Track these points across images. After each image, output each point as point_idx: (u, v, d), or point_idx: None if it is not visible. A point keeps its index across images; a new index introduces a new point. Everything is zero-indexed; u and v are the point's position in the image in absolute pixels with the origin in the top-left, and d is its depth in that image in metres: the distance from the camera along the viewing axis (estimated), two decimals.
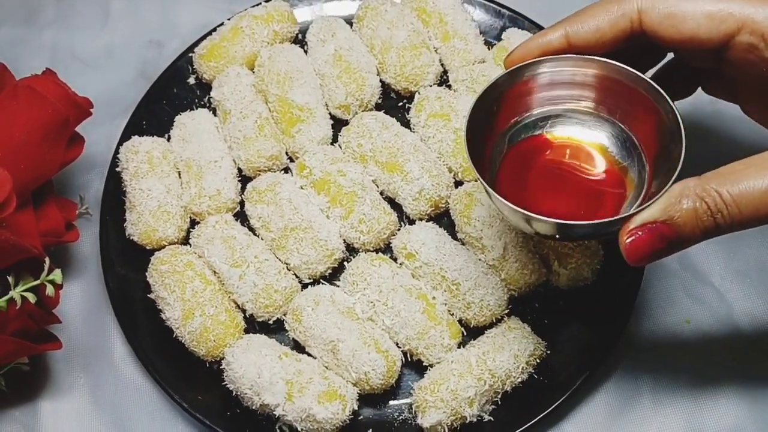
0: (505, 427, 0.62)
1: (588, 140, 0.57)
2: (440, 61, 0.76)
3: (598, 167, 0.56)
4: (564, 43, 0.54)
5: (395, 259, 0.68)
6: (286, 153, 0.73)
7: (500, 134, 0.57)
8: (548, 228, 0.51)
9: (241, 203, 0.71)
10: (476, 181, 0.56)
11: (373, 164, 0.70)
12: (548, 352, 0.64)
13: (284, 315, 0.66)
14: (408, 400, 0.64)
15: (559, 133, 0.58)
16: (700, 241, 0.48)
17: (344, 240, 0.69)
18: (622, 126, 0.56)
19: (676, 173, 0.48)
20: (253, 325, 0.67)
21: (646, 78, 0.53)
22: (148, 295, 0.67)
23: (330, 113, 0.75)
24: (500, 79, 0.55)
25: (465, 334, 0.66)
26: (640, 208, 0.48)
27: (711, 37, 0.51)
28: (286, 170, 0.73)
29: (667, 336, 0.67)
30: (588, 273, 0.65)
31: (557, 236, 0.56)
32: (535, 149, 0.57)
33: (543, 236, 0.55)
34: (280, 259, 0.68)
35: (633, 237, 0.47)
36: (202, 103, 0.77)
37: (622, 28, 0.53)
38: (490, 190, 0.51)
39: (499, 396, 0.63)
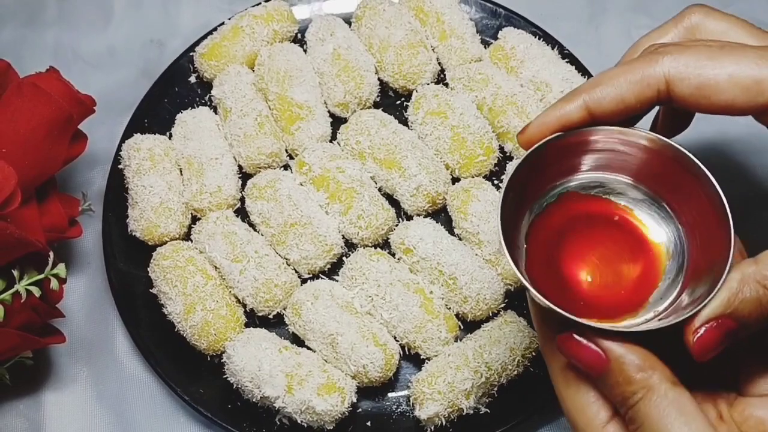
0: (501, 420, 0.63)
1: (624, 212, 0.52)
2: (437, 59, 0.77)
3: (631, 240, 0.51)
4: (584, 115, 0.49)
5: (393, 254, 0.69)
6: (286, 150, 0.74)
7: (534, 201, 0.52)
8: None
9: (242, 200, 0.72)
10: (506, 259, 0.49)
11: (372, 161, 0.71)
12: None
13: (284, 309, 0.67)
14: (406, 393, 0.65)
15: (594, 202, 0.53)
16: (764, 326, 0.45)
17: (343, 235, 0.70)
18: (662, 202, 0.51)
19: (729, 264, 0.44)
20: (254, 320, 0.68)
21: (692, 157, 0.48)
22: (150, 290, 0.68)
23: (329, 111, 0.75)
24: (533, 150, 0.49)
25: (462, 327, 0.66)
26: (702, 304, 0.44)
27: (747, 108, 0.47)
28: (286, 167, 0.74)
29: None
30: None
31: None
32: (569, 216, 0.52)
33: None
34: (279, 255, 0.69)
35: (699, 335, 0.44)
36: (203, 101, 0.78)
37: (649, 97, 0.48)
38: (523, 280, 0.46)
39: (496, 389, 0.64)
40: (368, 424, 0.64)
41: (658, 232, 0.51)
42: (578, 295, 0.49)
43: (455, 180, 0.72)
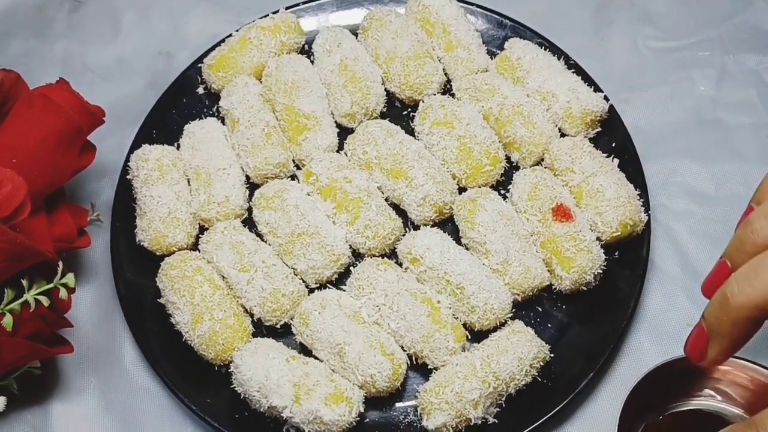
0: (509, 429, 0.63)
1: None
2: (444, 70, 0.77)
3: None
4: None
5: (400, 264, 0.69)
6: (293, 160, 0.74)
7: (651, 415, 0.56)
8: None
9: (249, 210, 0.72)
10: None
11: (379, 171, 0.71)
12: (551, 355, 0.65)
13: (291, 319, 0.67)
14: (413, 403, 0.65)
15: (712, 424, 0.55)
16: None
17: (350, 245, 0.70)
18: None
19: None
20: (261, 330, 0.68)
21: None
22: (158, 300, 0.68)
23: (336, 121, 0.76)
24: (656, 368, 0.54)
25: (469, 337, 0.66)
26: None
27: None
28: (293, 177, 0.74)
29: (668, 338, 0.68)
30: (590, 277, 0.66)
31: None
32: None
33: None
34: (287, 264, 0.69)
35: None
36: (211, 112, 0.78)
37: None
38: None
39: (503, 398, 0.63)
40: None
41: None
42: None
43: (462, 190, 0.72)
